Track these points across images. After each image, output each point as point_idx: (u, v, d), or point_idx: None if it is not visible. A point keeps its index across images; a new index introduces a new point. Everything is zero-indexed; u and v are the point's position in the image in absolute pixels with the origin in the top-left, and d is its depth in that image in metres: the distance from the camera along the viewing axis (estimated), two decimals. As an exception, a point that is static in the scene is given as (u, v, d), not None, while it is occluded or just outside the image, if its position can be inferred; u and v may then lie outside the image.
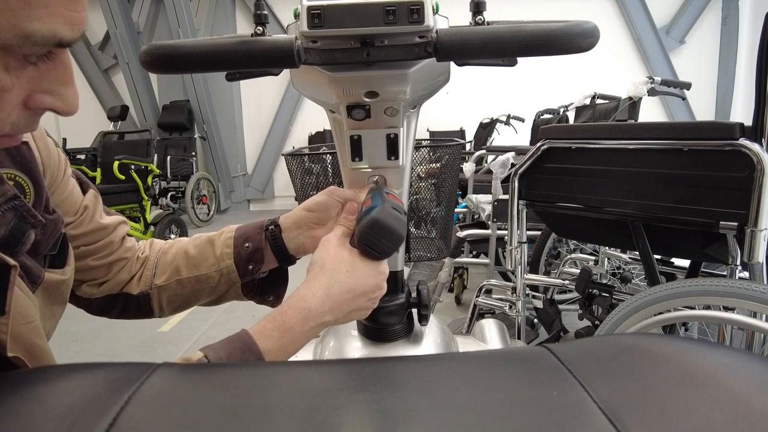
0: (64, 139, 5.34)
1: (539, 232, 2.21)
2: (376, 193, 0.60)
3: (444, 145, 1.07)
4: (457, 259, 2.52)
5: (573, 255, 2.29)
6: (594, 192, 1.35)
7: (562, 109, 3.68)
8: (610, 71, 6.18)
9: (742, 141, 1.05)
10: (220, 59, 0.47)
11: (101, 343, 2.45)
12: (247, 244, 0.68)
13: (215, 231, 0.73)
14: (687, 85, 2.66)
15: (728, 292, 1.05)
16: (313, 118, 6.65)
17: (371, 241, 0.53)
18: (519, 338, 1.73)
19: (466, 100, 6.36)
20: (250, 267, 0.68)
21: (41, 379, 0.36)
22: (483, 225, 2.45)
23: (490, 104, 5.91)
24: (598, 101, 3.13)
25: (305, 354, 0.74)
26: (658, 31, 6.41)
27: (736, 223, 1.08)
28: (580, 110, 3.21)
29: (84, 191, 0.64)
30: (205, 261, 0.69)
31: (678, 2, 6.45)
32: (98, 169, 4.05)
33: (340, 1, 0.46)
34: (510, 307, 1.94)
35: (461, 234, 2.39)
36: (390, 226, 0.52)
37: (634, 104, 2.57)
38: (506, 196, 1.70)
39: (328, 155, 1.10)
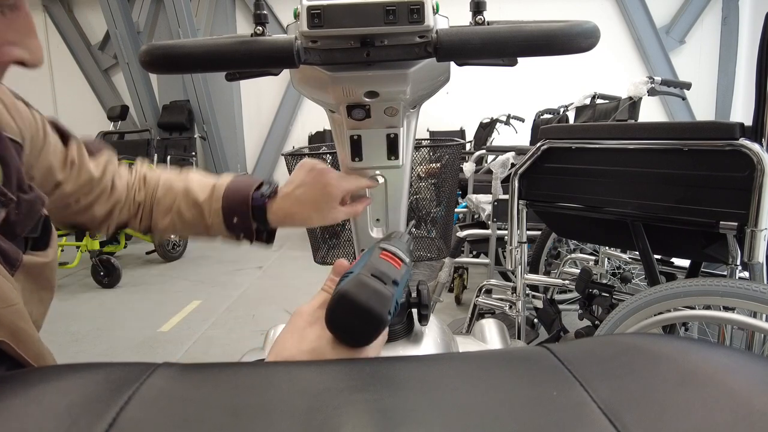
0: (64, 139, 5.33)
1: (539, 232, 2.21)
2: (369, 251, 0.49)
3: (444, 145, 1.07)
4: (457, 259, 2.52)
5: (573, 255, 2.29)
6: (594, 192, 1.35)
7: (562, 109, 3.67)
8: (610, 71, 6.17)
9: (742, 141, 1.05)
10: (220, 59, 0.47)
11: (101, 343, 2.45)
12: (235, 219, 0.69)
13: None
14: (687, 85, 2.66)
15: (728, 292, 1.05)
16: (313, 118, 6.65)
17: (337, 324, 0.42)
18: (519, 338, 1.73)
19: (466, 100, 6.36)
20: (241, 234, 0.70)
21: (41, 379, 0.36)
22: (483, 225, 2.45)
23: (490, 104, 5.91)
24: (598, 101, 3.13)
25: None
26: (658, 31, 6.41)
27: (736, 223, 1.08)
28: (580, 110, 3.21)
29: (65, 142, 0.62)
30: (198, 224, 0.71)
31: (678, 2, 6.44)
32: (98, 169, 4.04)
33: (340, 1, 0.45)
34: (510, 307, 1.94)
35: (461, 234, 2.39)
36: (362, 303, 0.41)
37: (634, 104, 2.57)
38: (506, 196, 1.70)
39: (328, 155, 1.10)
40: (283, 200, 0.68)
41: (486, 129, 4.67)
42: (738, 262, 1.17)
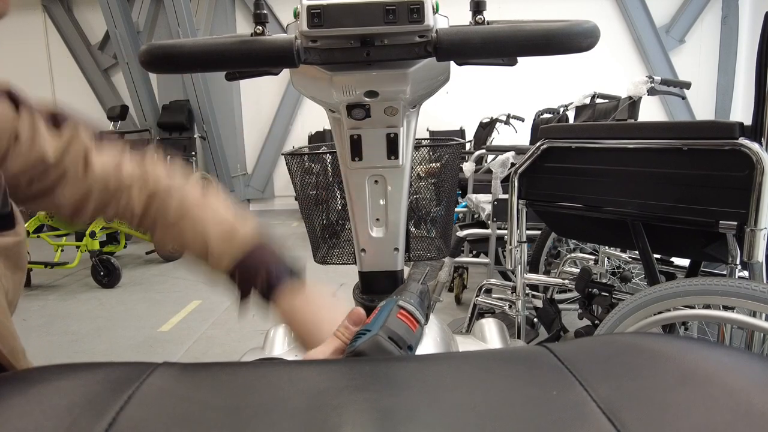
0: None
1: (539, 232, 2.21)
2: (387, 305, 0.48)
3: (444, 145, 1.07)
4: (457, 259, 2.52)
5: (573, 254, 2.29)
6: (594, 191, 1.35)
7: (562, 109, 3.67)
8: (610, 71, 6.17)
9: (742, 140, 1.05)
10: (220, 59, 0.47)
11: (101, 343, 2.45)
12: (237, 281, 0.61)
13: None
14: (687, 85, 2.66)
15: (728, 291, 1.05)
16: (313, 118, 6.65)
17: None
18: (519, 338, 1.73)
19: (466, 99, 6.35)
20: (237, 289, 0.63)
21: (41, 379, 0.36)
22: (483, 224, 2.45)
23: (490, 104, 5.91)
24: (598, 101, 3.13)
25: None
26: (658, 30, 6.41)
27: (735, 223, 1.08)
28: (580, 110, 3.21)
29: (18, 110, 0.53)
30: (200, 259, 0.63)
31: (678, 2, 6.44)
32: (98, 169, 4.04)
33: (340, 1, 0.46)
34: (510, 306, 1.94)
35: (461, 233, 2.39)
36: None
37: (633, 104, 2.57)
38: (506, 196, 1.70)
39: (328, 155, 1.10)
40: (294, 313, 0.60)
41: (486, 129, 4.67)
42: (737, 262, 1.17)
